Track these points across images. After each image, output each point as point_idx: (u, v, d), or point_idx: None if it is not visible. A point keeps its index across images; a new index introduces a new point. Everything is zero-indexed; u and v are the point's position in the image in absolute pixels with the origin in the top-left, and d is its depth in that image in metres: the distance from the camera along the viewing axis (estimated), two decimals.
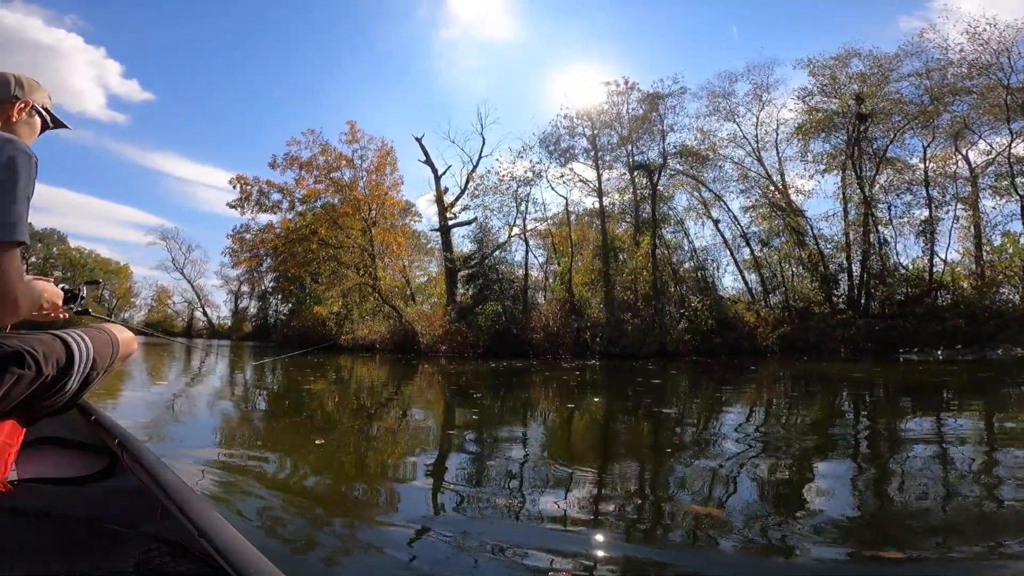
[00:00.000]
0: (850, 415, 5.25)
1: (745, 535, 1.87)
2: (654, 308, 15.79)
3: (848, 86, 20.11)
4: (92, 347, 1.20)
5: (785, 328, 15.97)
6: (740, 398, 6.55)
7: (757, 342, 15.78)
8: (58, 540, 1.21)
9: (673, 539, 1.91)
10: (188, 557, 1.06)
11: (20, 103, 1.24)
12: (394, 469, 2.95)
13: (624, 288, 16.88)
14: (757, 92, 21.66)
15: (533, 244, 21.79)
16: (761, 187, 20.65)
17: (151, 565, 1.08)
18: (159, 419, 4.26)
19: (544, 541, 1.78)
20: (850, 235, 20.11)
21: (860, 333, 16.12)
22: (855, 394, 6.91)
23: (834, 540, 1.82)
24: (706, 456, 3.23)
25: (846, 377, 9.14)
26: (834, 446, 3.55)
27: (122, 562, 1.12)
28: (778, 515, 2.10)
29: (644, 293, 16.38)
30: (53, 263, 59.24)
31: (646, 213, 19.05)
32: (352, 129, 25.44)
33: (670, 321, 15.72)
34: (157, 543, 1.14)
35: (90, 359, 1.19)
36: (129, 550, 1.16)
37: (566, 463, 3.08)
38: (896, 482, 2.66)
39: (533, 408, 5.87)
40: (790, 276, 19.72)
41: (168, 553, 1.10)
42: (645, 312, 15.60)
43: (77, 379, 1.16)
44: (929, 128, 19.40)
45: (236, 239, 26.62)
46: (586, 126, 21.42)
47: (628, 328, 15.05)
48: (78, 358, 1.15)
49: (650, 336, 15.07)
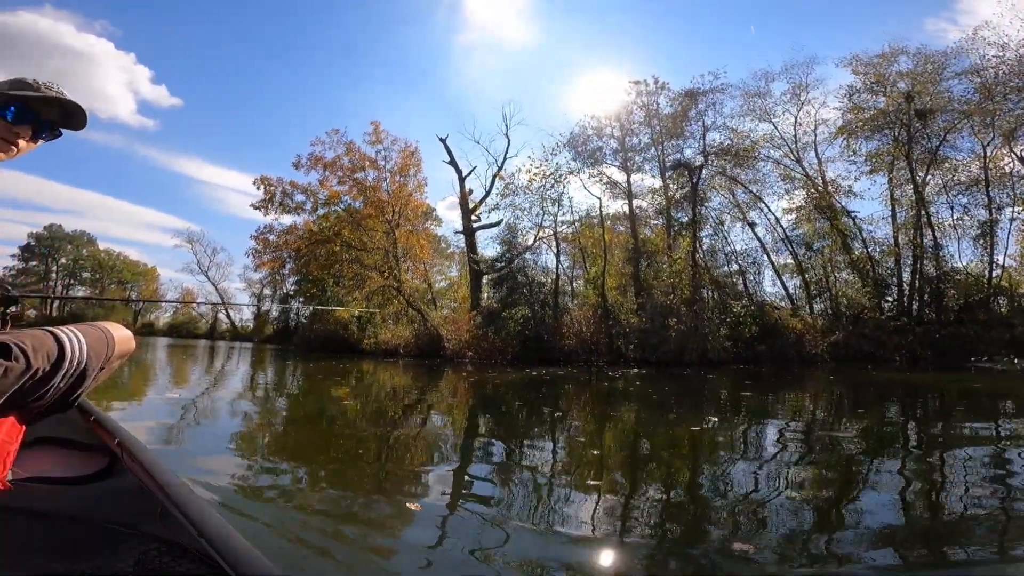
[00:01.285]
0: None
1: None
2: (695, 313, 14.86)
3: (896, 84, 19.09)
4: (85, 343, 1.17)
5: (838, 335, 14.90)
6: (856, 418, 5.60)
7: (806, 349, 14.75)
8: (57, 540, 1.22)
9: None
10: (187, 557, 1.07)
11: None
12: (411, 481, 2.78)
13: (663, 293, 15.95)
14: (795, 91, 20.73)
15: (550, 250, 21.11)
16: (804, 188, 19.57)
17: (150, 565, 1.08)
18: (179, 423, 4.13)
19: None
20: (899, 238, 18.99)
21: (918, 341, 15.00)
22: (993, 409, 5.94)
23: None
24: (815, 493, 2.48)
25: (941, 387, 8.19)
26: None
27: (121, 562, 1.12)
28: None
29: (685, 298, 15.44)
30: (83, 264, 60.64)
31: (682, 214, 18.18)
32: (376, 130, 25.08)
33: (711, 327, 14.79)
34: (156, 543, 1.15)
35: (84, 355, 1.15)
36: (128, 550, 1.16)
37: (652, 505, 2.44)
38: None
39: (594, 428, 5.14)
40: (834, 281, 18.58)
41: (167, 553, 1.11)
42: (687, 317, 14.68)
43: (70, 374, 1.13)
44: (988, 127, 18.21)
45: (260, 240, 26.40)
46: (614, 127, 20.85)
47: (671, 334, 14.15)
48: (69, 353, 1.12)
49: (691, 343, 14.17)
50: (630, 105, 20.78)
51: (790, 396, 7.42)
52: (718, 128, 18.88)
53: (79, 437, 1.61)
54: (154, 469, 1.14)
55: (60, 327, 1.16)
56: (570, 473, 2.94)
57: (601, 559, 1.74)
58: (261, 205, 25.04)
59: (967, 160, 19.03)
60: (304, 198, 25.54)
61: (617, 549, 1.82)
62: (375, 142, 24.84)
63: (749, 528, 2.07)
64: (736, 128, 19.76)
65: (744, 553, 1.77)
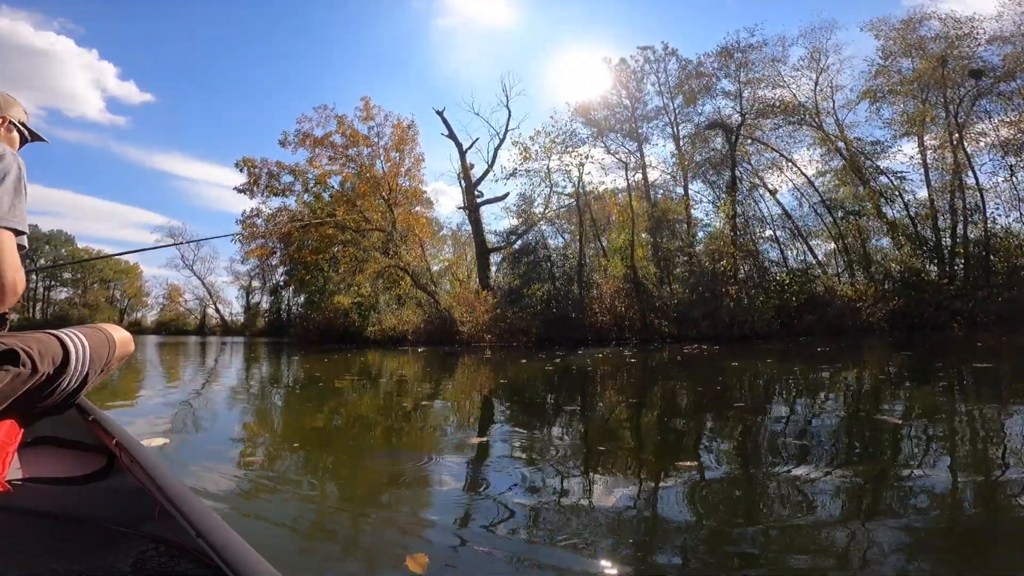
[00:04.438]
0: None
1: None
2: (740, 283, 13.43)
3: (926, 47, 17.77)
4: (88, 346, 1.17)
5: (897, 301, 13.58)
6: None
7: (862, 318, 13.42)
8: (56, 540, 1.21)
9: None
10: (186, 557, 1.06)
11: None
12: (421, 484, 2.15)
13: (713, 261, 14.41)
14: (814, 56, 19.32)
15: (571, 222, 19.61)
16: (835, 149, 18.16)
17: (149, 565, 1.08)
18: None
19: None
20: (935, 201, 17.77)
21: (979, 307, 13.78)
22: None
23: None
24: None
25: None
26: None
27: (120, 562, 1.10)
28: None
29: (724, 268, 13.94)
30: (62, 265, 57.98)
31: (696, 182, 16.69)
32: (367, 105, 23.10)
33: (759, 298, 13.37)
34: (155, 543, 1.14)
35: (87, 358, 1.15)
36: (127, 550, 1.15)
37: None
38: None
39: None
40: (874, 247, 17.31)
41: (166, 553, 1.10)
42: (733, 289, 13.25)
43: (74, 377, 1.13)
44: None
45: (246, 225, 24.41)
46: (622, 95, 19.46)
47: (722, 307, 12.69)
48: (74, 356, 1.12)
49: (738, 316, 12.76)
50: (638, 72, 19.49)
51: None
52: (754, 85, 17.32)
53: (77, 437, 1.53)
54: (152, 469, 1.04)
55: (63, 330, 1.16)
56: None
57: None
58: (245, 188, 23.15)
59: (1016, 119, 17.74)
60: (292, 179, 23.64)
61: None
62: (366, 119, 22.93)
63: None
64: (757, 92, 18.43)
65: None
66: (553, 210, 18.07)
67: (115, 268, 59.57)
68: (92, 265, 58.87)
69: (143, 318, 56.81)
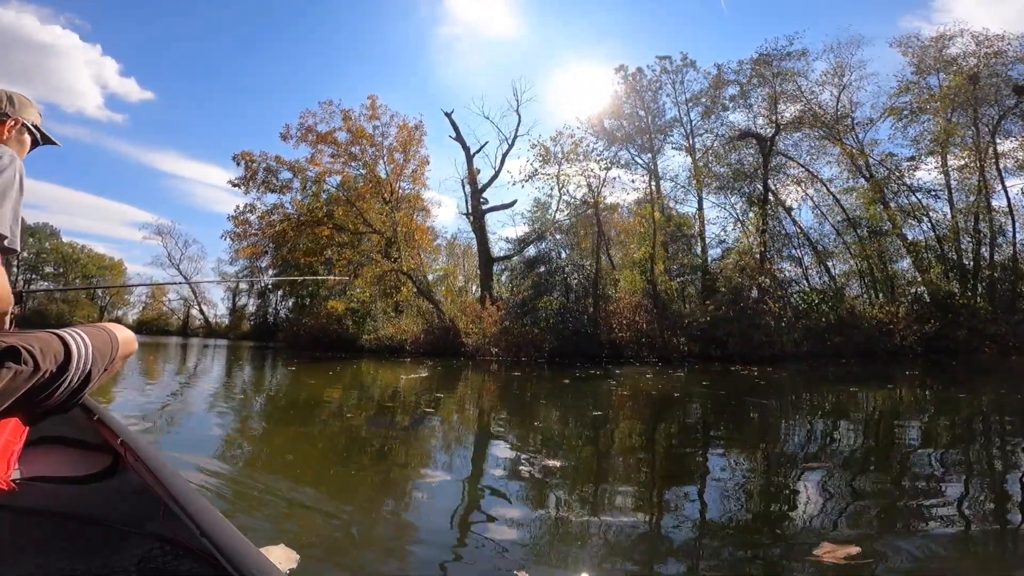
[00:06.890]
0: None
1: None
2: (769, 300, 12.60)
3: (954, 64, 17.35)
4: (91, 345, 1.15)
5: (933, 325, 12.84)
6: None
7: (894, 341, 12.65)
8: (61, 539, 1.21)
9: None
10: (190, 556, 1.05)
11: (11, 121, 1.24)
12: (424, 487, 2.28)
13: (748, 278, 13.54)
14: (838, 71, 18.84)
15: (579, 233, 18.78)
16: (859, 169, 17.55)
17: (153, 564, 1.07)
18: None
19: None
20: (959, 222, 17.20)
21: (1012, 330, 13.12)
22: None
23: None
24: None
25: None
26: None
27: (125, 561, 1.09)
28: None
29: (762, 284, 13.07)
30: (45, 258, 55.94)
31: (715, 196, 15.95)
32: (373, 104, 22.16)
33: (787, 318, 12.56)
34: (160, 542, 1.13)
35: (89, 356, 1.13)
36: (132, 549, 1.13)
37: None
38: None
39: None
40: (898, 268, 16.67)
41: (170, 552, 1.09)
42: (775, 307, 12.40)
43: (76, 376, 1.10)
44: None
45: (239, 222, 23.15)
46: (637, 105, 18.85)
47: (757, 325, 11.82)
48: (76, 355, 1.10)
49: (768, 335, 11.90)
50: (654, 83, 18.94)
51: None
52: (787, 97, 16.67)
53: (82, 436, 1.50)
54: (158, 469, 1.03)
55: (65, 329, 1.14)
56: None
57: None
58: (240, 182, 21.97)
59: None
60: (291, 176, 22.51)
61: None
62: (372, 118, 21.98)
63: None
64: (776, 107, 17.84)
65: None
66: (569, 218, 17.20)
67: (99, 264, 57.63)
68: (75, 260, 56.94)
69: (124, 316, 54.78)
